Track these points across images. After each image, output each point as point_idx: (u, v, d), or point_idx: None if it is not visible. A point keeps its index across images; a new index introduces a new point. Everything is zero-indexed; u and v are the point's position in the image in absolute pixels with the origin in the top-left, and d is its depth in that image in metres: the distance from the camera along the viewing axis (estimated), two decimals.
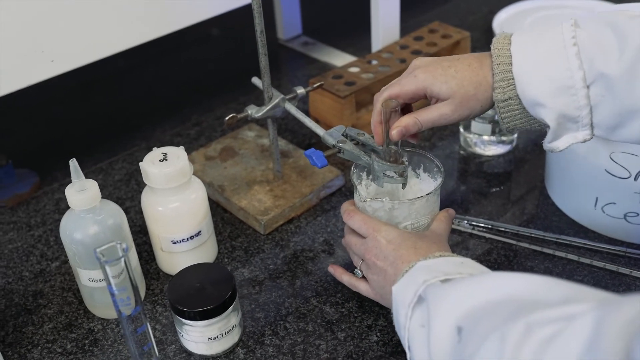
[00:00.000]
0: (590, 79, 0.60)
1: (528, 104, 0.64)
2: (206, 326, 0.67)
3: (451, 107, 0.66)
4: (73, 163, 0.66)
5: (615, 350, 0.37)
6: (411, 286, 0.58)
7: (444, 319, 0.52)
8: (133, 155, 1.00)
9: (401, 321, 0.59)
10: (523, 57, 0.63)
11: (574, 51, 0.60)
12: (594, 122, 0.62)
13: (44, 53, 0.79)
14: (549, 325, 0.44)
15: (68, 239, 0.69)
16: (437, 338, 0.52)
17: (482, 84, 0.65)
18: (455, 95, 0.65)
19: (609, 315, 0.39)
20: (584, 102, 0.61)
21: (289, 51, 1.25)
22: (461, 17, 1.30)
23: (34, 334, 0.73)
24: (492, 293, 0.51)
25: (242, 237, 0.84)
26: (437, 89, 0.66)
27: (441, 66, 0.67)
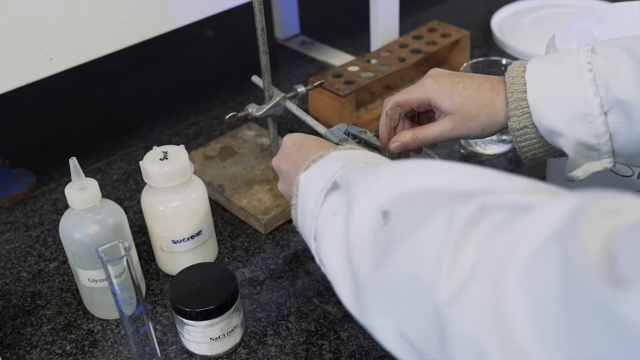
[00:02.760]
0: (608, 106, 0.58)
1: (545, 132, 0.62)
2: (208, 326, 0.66)
3: (451, 124, 0.65)
4: (73, 162, 0.65)
5: (591, 240, 0.32)
6: (325, 173, 0.53)
7: (366, 202, 0.46)
8: (131, 155, 0.99)
9: (309, 210, 0.53)
10: (537, 84, 0.61)
11: (590, 77, 0.58)
12: (615, 150, 0.60)
13: (42, 51, 0.79)
14: (509, 210, 0.38)
15: (67, 239, 0.69)
16: (356, 223, 0.46)
17: (487, 106, 0.64)
18: (457, 112, 0.65)
19: (589, 204, 0.34)
20: (603, 129, 0.59)
21: (287, 50, 1.24)
22: (459, 16, 1.30)
23: (32, 335, 0.72)
24: (426, 179, 0.45)
25: (242, 237, 0.83)
26: (441, 102, 0.65)
27: (451, 80, 0.66)
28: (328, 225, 0.51)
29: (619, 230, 0.32)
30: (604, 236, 0.32)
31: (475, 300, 0.36)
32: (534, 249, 0.35)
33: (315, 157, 0.56)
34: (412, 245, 0.42)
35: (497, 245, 0.37)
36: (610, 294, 0.30)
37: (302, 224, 0.56)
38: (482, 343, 0.36)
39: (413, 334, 0.41)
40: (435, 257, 0.39)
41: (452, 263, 0.38)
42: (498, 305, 0.35)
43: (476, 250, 0.38)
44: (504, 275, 0.35)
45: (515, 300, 0.34)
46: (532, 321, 0.34)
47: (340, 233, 0.49)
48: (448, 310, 0.38)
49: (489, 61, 0.94)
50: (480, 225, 0.38)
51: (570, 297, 0.32)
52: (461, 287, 0.37)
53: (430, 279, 0.39)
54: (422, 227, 0.41)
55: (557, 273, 0.33)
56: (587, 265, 0.31)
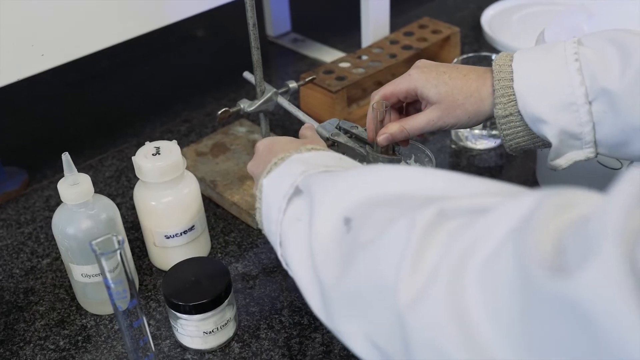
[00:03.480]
0: (593, 95, 0.59)
1: (530, 121, 0.63)
2: (201, 320, 0.66)
3: (437, 113, 0.66)
4: (66, 157, 0.66)
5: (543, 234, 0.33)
6: (286, 178, 0.53)
7: (328, 209, 0.47)
8: (123, 152, 0.99)
9: (273, 216, 0.53)
10: (524, 72, 0.62)
11: (576, 67, 0.59)
12: (597, 140, 0.61)
13: (33, 47, 0.79)
14: (467, 214, 0.39)
15: (60, 234, 0.69)
16: (319, 230, 0.47)
17: (473, 95, 0.65)
18: (443, 101, 0.65)
19: (542, 202, 0.35)
20: (586, 118, 0.60)
21: (279, 48, 1.24)
22: (449, 13, 1.30)
23: (25, 331, 0.72)
24: (385, 185, 0.46)
25: (235, 232, 0.83)
26: (427, 91, 0.66)
27: (437, 70, 0.67)
28: (292, 231, 0.51)
29: (569, 223, 0.33)
30: (556, 231, 0.33)
31: (435, 302, 0.37)
32: (491, 248, 0.35)
33: (276, 159, 0.56)
34: (374, 252, 0.42)
35: (456, 247, 0.38)
36: (559, 282, 0.30)
37: (267, 228, 0.56)
38: (443, 343, 0.36)
39: (379, 338, 0.42)
40: (396, 262, 0.40)
41: (413, 267, 0.39)
42: (458, 306, 0.36)
43: (436, 253, 0.39)
44: (462, 276, 0.36)
45: (474, 300, 0.35)
46: (492, 319, 0.34)
47: (304, 239, 0.49)
48: (409, 313, 0.38)
49: (479, 57, 0.95)
50: (439, 230, 0.39)
51: (525, 292, 0.33)
52: (421, 289, 0.38)
53: (392, 284, 0.40)
54: (384, 234, 0.42)
55: (512, 270, 0.34)
56: (538, 260, 0.32)
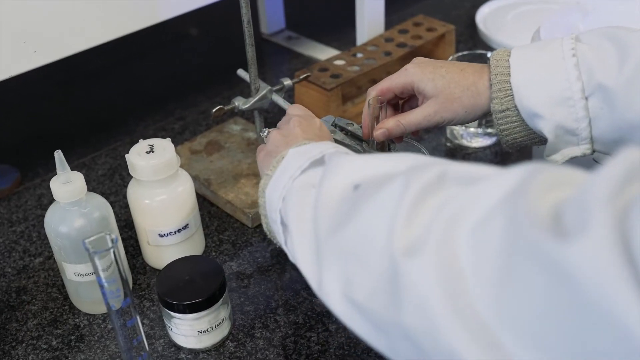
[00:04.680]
0: (589, 91, 0.59)
1: (526, 115, 0.63)
2: (196, 319, 0.66)
3: (434, 107, 0.66)
4: (58, 154, 0.65)
5: (539, 202, 0.34)
6: (316, 148, 0.55)
7: (341, 176, 0.49)
8: (116, 150, 0.98)
9: (288, 173, 0.54)
10: (522, 67, 0.62)
11: (573, 62, 0.59)
12: (593, 136, 0.61)
13: (26, 44, 0.78)
14: (465, 179, 0.41)
15: (53, 233, 0.68)
16: (328, 191, 0.49)
17: (469, 89, 0.65)
18: (439, 95, 0.65)
19: (539, 172, 0.36)
20: (583, 114, 0.60)
21: (273, 46, 1.24)
22: (444, 11, 1.30)
23: (18, 331, 0.72)
24: (401, 161, 0.48)
25: (229, 231, 0.83)
26: (424, 85, 0.66)
27: (434, 65, 0.67)
28: (302, 192, 0.52)
29: (566, 198, 0.34)
30: (551, 202, 0.34)
31: (426, 259, 0.38)
32: (484, 211, 0.37)
33: (312, 142, 0.57)
34: (371, 206, 0.44)
35: (449, 208, 0.39)
36: (553, 244, 0.31)
37: (270, 192, 0.56)
38: (432, 297, 0.37)
39: (360, 293, 0.43)
40: (391, 214, 0.41)
41: (409, 220, 0.40)
42: (449, 263, 0.37)
43: (430, 212, 0.40)
44: (454, 236, 0.37)
45: (464, 259, 0.36)
46: (480, 278, 0.35)
47: (311, 201, 0.50)
48: (404, 260, 0.39)
49: (474, 54, 0.95)
50: (437, 192, 0.41)
51: (515, 251, 0.34)
52: (417, 240, 0.39)
53: (386, 233, 0.41)
54: (382, 190, 0.44)
55: (504, 230, 0.35)
56: (532, 221, 0.33)
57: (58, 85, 1.17)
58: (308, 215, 0.50)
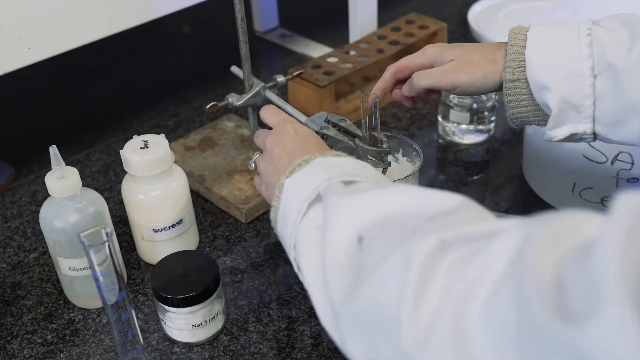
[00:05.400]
0: (598, 69, 0.61)
1: (535, 88, 0.64)
2: (190, 313, 0.66)
3: (452, 66, 0.67)
4: (53, 150, 0.65)
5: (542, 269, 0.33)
6: (310, 181, 0.54)
7: (344, 224, 0.48)
8: (110, 147, 0.99)
9: (291, 218, 0.53)
10: (537, 41, 0.64)
11: (587, 41, 0.61)
12: (596, 115, 0.62)
13: (20, 40, 0.78)
14: (467, 243, 0.40)
15: (48, 228, 0.68)
16: (333, 243, 0.48)
17: (488, 57, 0.67)
18: (459, 58, 0.67)
19: (536, 231, 0.35)
20: (589, 91, 0.61)
21: (267, 43, 1.24)
22: (437, 9, 1.31)
23: (13, 325, 0.72)
24: (401, 204, 0.47)
25: (223, 226, 0.83)
26: (442, 57, 0.68)
27: (451, 44, 0.70)
28: (308, 238, 0.52)
29: (567, 254, 0.33)
30: (553, 262, 0.33)
31: (441, 346, 0.38)
32: (490, 288, 0.36)
33: (300, 161, 0.56)
34: (377, 281, 0.43)
35: (456, 287, 0.38)
36: (563, 329, 0.31)
37: (281, 228, 0.56)
38: None
39: None
40: (398, 297, 0.40)
41: (416, 303, 0.40)
42: (463, 348, 0.37)
43: (438, 292, 0.39)
44: (466, 318, 0.37)
45: (478, 342, 0.36)
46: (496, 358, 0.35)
47: (318, 249, 0.50)
48: (417, 354, 0.39)
49: None
50: (440, 264, 0.40)
51: (527, 332, 0.33)
52: (426, 332, 0.39)
53: (395, 320, 0.40)
54: (387, 261, 0.43)
55: (512, 308, 0.34)
56: (538, 297, 0.32)
57: (53, 83, 1.17)
58: (318, 266, 0.50)
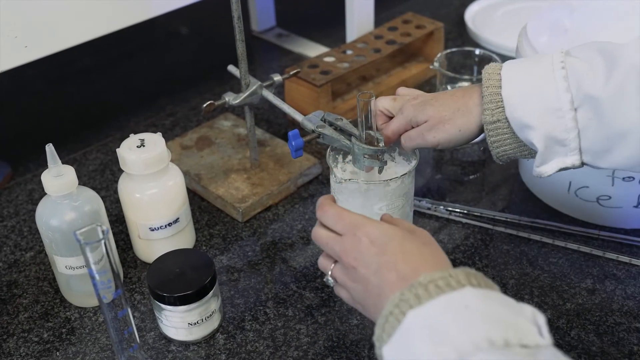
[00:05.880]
0: (578, 102, 0.60)
1: (516, 127, 0.64)
2: (186, 311, 0.66)
3: (427, 128, 0.68)
4: (49, 148, 0.65)
5: None
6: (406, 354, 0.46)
7: None
8: (107, 146, 0.99)
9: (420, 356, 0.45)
10: (512, 79, 0.63)
11: (562, 74, 0.61)
12: (582, 147, 0.61)
13: (17, 38, 0.78)
14: None
15: (44, 226, 0.68)
16: None
17: (460, 109, 0.67)
18: (431, 119, 0.68)
19: None
20: (572, 124, 0.60)
21: (264, 43, 1.25)
22: (433, 9, 1.31)
23: (9, 324, 0.72)
24: None
25: (219, 225, 0.84)
26: (419, 116, 0.69)
27: (423, 98, 0.70)
28: None
29: None
30: None
31: None
32: None
33: (394, 308, 0.48)
34: None
35: None
36: None
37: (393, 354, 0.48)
38: None
39: None
40: None
41: None
42: None
43: None
44: None
45: None
46: None
47: None
48: None
49: (463, 51, 0.96)
50: None
51: None
52: None
53: None
54: None
55: None
56: None
57: (50, 82, 1.17)
58: None
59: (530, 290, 0.73)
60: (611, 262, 0.76)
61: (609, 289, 0.73)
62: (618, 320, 0.69)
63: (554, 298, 0.72)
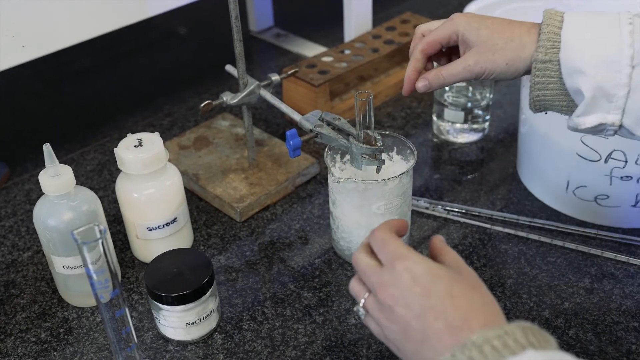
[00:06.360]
0: (637, 60, 0.58)
1: (567, 71, 0.61)
2: (184, 311, 0.66)
3: (474, 57, 0.64)
4: (47, 148, 0.65)
5: None
6: None
7: None
8: (105, 146, 0.99)
9: None
10: (575, 23, 0.61)
11: (628, 29, 0.59)
12: (627, 107, 0.60)
13: (14, 38, 0.78)
14: None
15: (42, 226, 0.68)
16: None
17: (514, 40, 0.63)
18: (482, 44, 0.64)
19: None
20: (625, 81, 0.59)
21: (262, 43, 1.25)
22: (431, 9, 1.31)
23: (6, 324, 0.72)
24: None
25: (217, 225, 0.83)
26: (468, 34, 0.64)
27: (481, 16, 0.65)
28: None
29: None
30: None
31: None
32: None
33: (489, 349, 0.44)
34: None
35: None
36: None
37: None
38: None
39: None
40: None
41: None
42: None
43: None
44: None
45: None
46: None
47: None
48: None
49: None
50: None
51: None
52: None
53: None
54: None
55: None
56: None
57: (47, 82, 1.17)
58: None
59: (529, 290, 0.73)
60: (609, 261, 0.76)
61: (607, 288, 0.73)
62: (616, 320, 0.69)
63: (552, 297, 0.72)
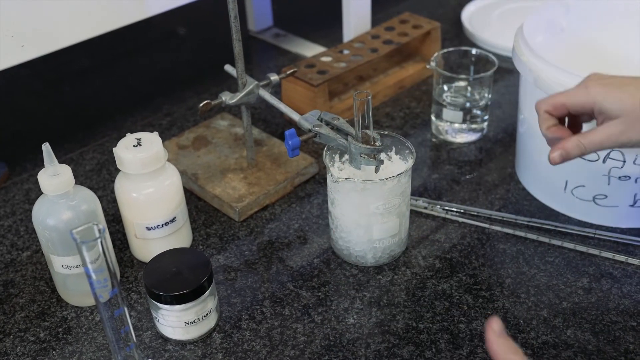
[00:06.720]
0: None
1: None
2: (183, 310, 0.66)
3: (621, 127, 0.59)
4: (46, 147, 0.65)
5: None
6: None
7: None
8: (104, 146, 0.99)
9: None
10: None
11: None
12: None
13: (13, 38, 0.78)
14: None
15: (41, 225, 0.68)
16: None
17: None
18: (627, 115, 0.58)
19: None
20: None
21: (261, 43, 1.25)
22: (430, 9, 1.31)
23: (5, 323, 0.72)
24: None
25: (216, 225, 0.84)
26: (608, 105, 0.59)
27: (619, 83, 0.60)
28: None
29: None
30: None
31: None
32: None
33: None
34: None
35: None
36: None
37: None
38: None
39: None
40: None
41: None
42: None
43: None
44: None
45: None
46: None
47: None
48: None
49: (459, 51, 0.96)
50: None
51: None
52: None
53: None
54: None
55: None
56: None
57: (46, 82, 1.17)
58: None
59: (527, 289, 0.73)
60: (607, 261, 0.76)
61: (605, 287, 0.73)
62: (614, 319, 0.69)
63: (550, 297, 0.72)
